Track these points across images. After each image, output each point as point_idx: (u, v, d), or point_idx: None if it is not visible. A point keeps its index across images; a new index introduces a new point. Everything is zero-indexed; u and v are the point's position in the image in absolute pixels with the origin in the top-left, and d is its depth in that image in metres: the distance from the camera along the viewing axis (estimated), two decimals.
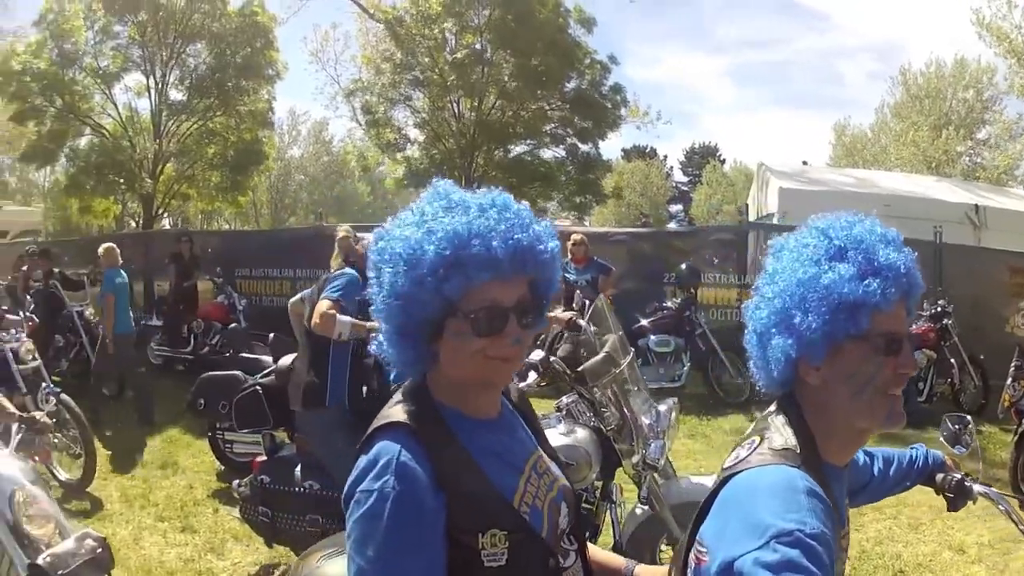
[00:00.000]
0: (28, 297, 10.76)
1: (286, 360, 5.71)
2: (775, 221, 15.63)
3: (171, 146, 23.26)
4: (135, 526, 6.58)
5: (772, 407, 1.70)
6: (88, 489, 7.25)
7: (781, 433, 1.59)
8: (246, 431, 6.22)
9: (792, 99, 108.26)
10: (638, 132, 24.87)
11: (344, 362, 4.77)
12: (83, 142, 24.61)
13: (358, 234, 5.45)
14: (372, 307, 1.63)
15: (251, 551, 6.02)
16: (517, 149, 24.51)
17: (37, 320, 9.37)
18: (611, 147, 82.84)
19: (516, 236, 1.52)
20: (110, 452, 8.57)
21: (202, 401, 6.81)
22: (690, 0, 67.01)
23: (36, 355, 7.98)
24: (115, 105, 24.24)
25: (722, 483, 1.56)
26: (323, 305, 4.60)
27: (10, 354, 7.61)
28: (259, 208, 46.06)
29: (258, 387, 5.77)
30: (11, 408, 4.14)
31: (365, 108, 24.91)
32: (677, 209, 60.70)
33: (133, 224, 33.13)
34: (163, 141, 23.03)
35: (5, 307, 9.43)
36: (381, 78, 24.04)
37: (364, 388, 4.95)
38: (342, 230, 5.57)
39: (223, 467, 7.82)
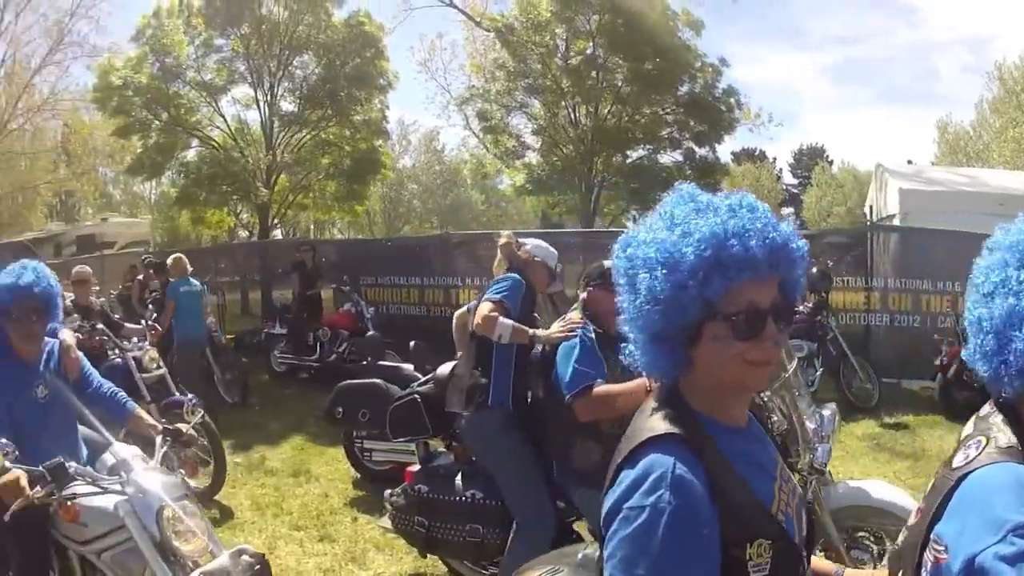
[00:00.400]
0: (150, 307, 10.78)
1: (445, 368, 5.55)
2: (896, 222, 15.52)
3: (285, 157, 23.42)
4: (268, 535, 6.51)
5: (988, 407, 1.65)
6: (216, 497, 7.24)
7: (1004, 432, 1.55)
8: (401, 440, 6.02)
9: (889, 96, 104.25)
10: (744, 135, 24.61)
11: (507, 364, 4.66)
12: (191, 154, 25.09)
13: (519, 239, 5.37)
14: (621, 315, 1.64)
15: (394, 561, 5.93)
16: (635, 154, 24.33)
17: (159, 329, 9.30)
18: (722, 151, 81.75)
19: (771, 235, 1.51)
20: (236, 460, 8.57)
21: (340, 409, 6.85)
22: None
23: (160, 363, 7.97)
24: (223, 117, 24.56)
25: (955, 484, 1.53)
26: (485, 307, 4.54)
27: (133, 363, 7.75)
28: (373, 217, 46.39)
29: (416, 396, 5.60)
30: (152, 420, 4.13)
31: (481, 115, 25.01)
32: (788, 212, 59.50)
33: (246, 234, 33.78)
34: (276, 152, 23.24)
35: (118, 316, 9.49)
36: (495, 85, 24.12)
37: (528, 393, 4.80)
38: (504, 236, 5.56)
39: (358, 475, 7.77)
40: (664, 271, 1.49)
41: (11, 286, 3.67)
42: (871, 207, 18.65)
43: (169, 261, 10.62)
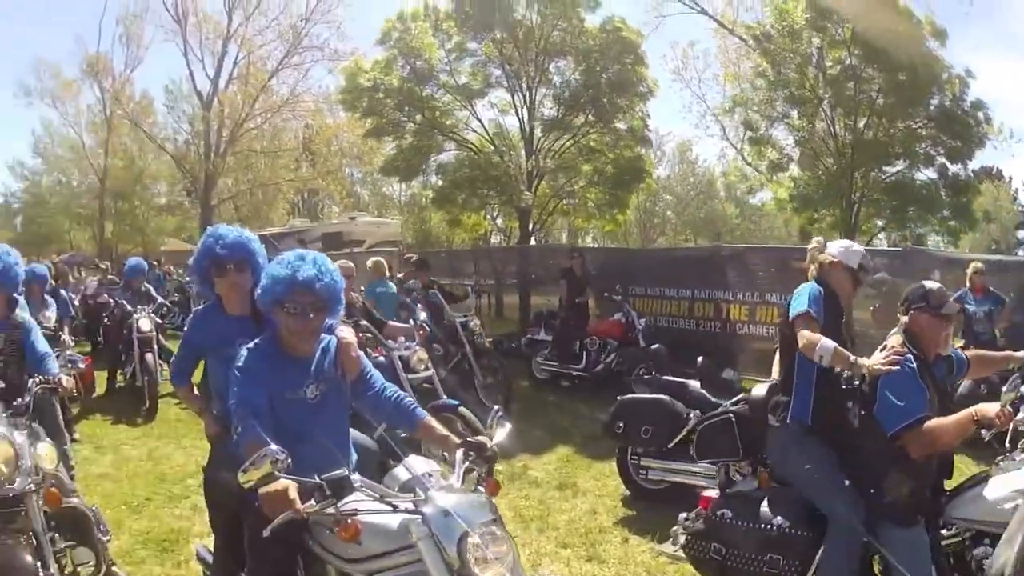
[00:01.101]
0: (418, 305, 11.04)
1: (761, 389, 5.39)
2: None
3: (548, 162, 23.66)
4: (533, 550, 6.34)
5: None
6: None
7: None
8: (705, 462, 5.95)
9: None
10: (984, 153, 23.29)
11: (808, 380, 4.54)
12: (447, 157, 25.76)
13: (828, 244, 5.05)
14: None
15: None
16: (892, 170, 23.56)
17: (428, 329, 9.45)
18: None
19: None
20: (498, 468, 8.45)
21: (621, 424, 6.79)
22: (998, 5, 59.49)
23: (429, 365, 8.00)
24: (479, 121, 25.16)
25: None
26: (803, 332, 4.39)
27: (399, 362, 7.78)
28: (628, 228, 46.42)
29: (730, 415, 5.57)
30: (446, 430, 3.75)
31: (746, 125, 24.90)
32: None
33: (499, 239, 34.39)
34: (539, 157, 23.49)
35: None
36: (757, 94, 23.93)
37: (836, 416, 4.58)
38: (814, 241, 5.21)
39: (628, 493, 7.54)
40: None
41: (287, 279, 3.49)
42: None
43: (369, 264, 11.21)
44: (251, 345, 3.61)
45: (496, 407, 3.76)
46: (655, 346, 11.97)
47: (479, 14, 22.93)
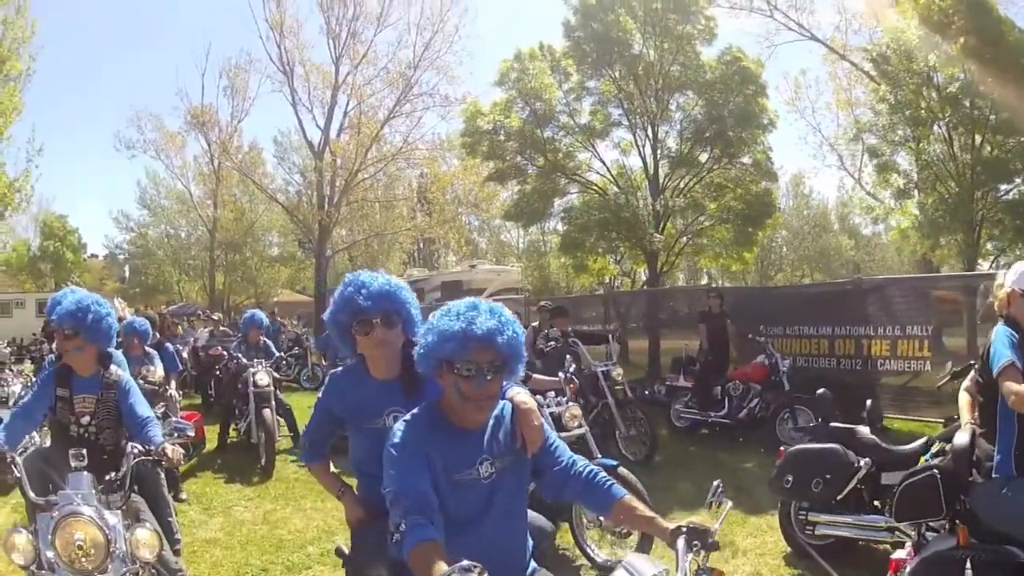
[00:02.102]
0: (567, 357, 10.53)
1: (963, 438, 5.04)
2: None
3: (678, 201, 23.60)
4: None
5: None
6: None
7: None
8: (907, 523, 5.41)
9: None
10: None
11: (1011, 428, 4.37)
12: (571, 200, 25.89)
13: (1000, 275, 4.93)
14: None
15: None
16: (1010, 187, 22.83)
17: (577, 381, 8.81)
18: None
19: None
20: None
21: (790, 478, 6.42)
22: None
23: (582, 421, 7.30)
24: (602, 161, 25.35)
25: None
26: (1011, 387, 4.18)
27: (550, 419, 7.10)
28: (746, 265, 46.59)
29: (935, 471, 5.09)
30: (650, 512, 3.14)
31: (872, 152, 24.48)
32: None
33: (621, 283, 34.16)
34: (665, 196, 23.42)
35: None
36: (879, 119, 23.44)
37: None
38: (999, 276, 4.93)
39: (790, 550, 7.13)
40: None
41: (460, 334, 2.94)
42: None
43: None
44: (409, 417, 3.09)
45: (716, 482, 3.22)
46: (820, 391, 11.33)
47: (597, 52, 23.09)
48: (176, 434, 4.77)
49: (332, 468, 4.18)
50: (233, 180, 43.32)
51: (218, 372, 14.34)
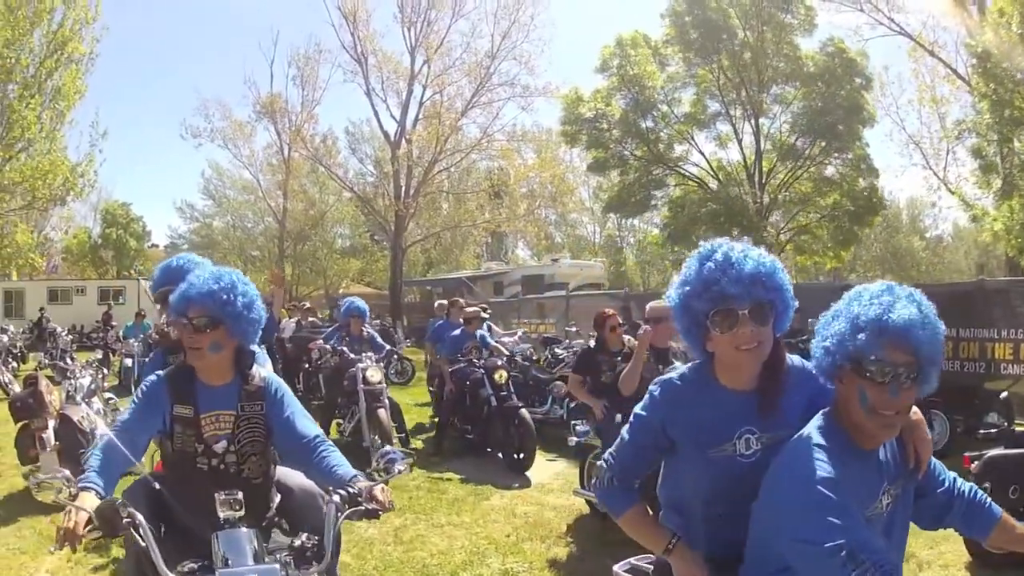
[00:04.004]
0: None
1: None
2: None
3: (787, 193, 23.63)
4: None
5: None
6: None
7: None
8: None
9: None
10: None
11: None
12: (674, 192, 26.04)
13: None
14: None
15: None
16: None
17: None
18: None
19: None
20: None
21: (988, 486, 5.97)
22: None
23: None
24: (701, 153, 25.63)
25: None
26: None
27: None
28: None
29: None
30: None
31: (976, 152, 24.21)
32: None
33: None
34: (770, 190, 23.54)
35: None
36: (982, 117, 23.31)
37: None
38: None
39: (972, 559, 6.57)
40: None
41: (874, 325, 2.35)
42: None
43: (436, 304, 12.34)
44: (820, 441, 2.38)
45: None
46: (1003, 394, 11.12)
47: (703, 39, 23.17)
48: (387, 464, 3.36)
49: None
50: (303, 170, 43.30)
51: (308, 366, 13.81)
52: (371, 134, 45.10)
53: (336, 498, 3.10)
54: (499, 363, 10.54)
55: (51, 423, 8.33)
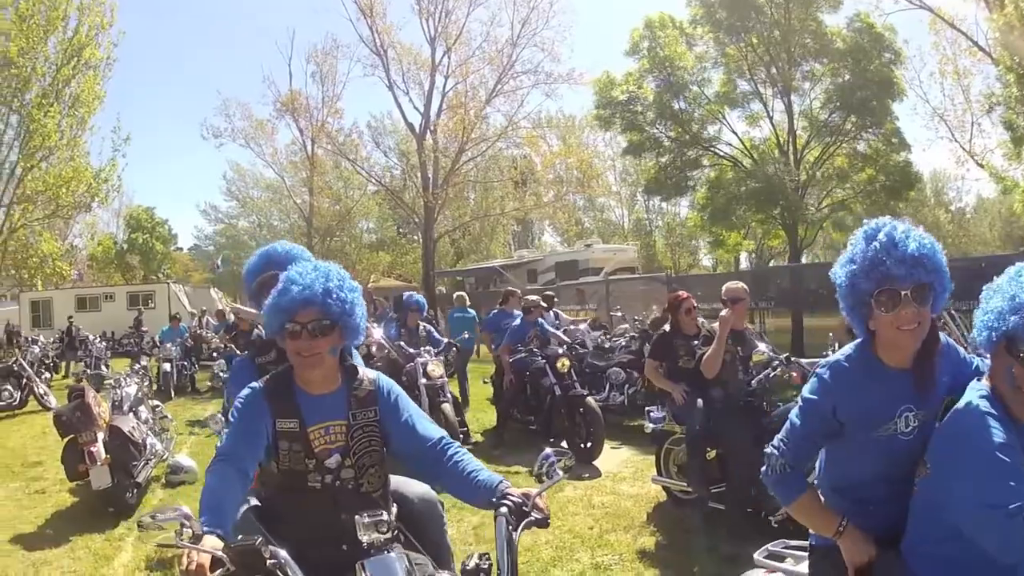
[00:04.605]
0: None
1: None
2: None
3: (825, 170, 23.70)
4: None
5: None
6: None
7: None
8: None
9: None
10: None
11: None
12: (708, 172, 25.97)
13: None
14: None
15: None
16: None
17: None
18: None
19: None
20: None
21: None
22: None
23: None
24: (734, 132, 25.45)
25: None
26: None
27: None
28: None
29: None
30: None
31: (1007, 124, 24.09)
32: None
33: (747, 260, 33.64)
34: (806, 167, 23.55)
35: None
36: (1010, 91, 23.26)
37: None
38: None
39: None
40: None
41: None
42: None
43: (455, 295, 13.52)
44: (989, 409, 2.49)
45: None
46: None
47: (732, 17, 23.05)
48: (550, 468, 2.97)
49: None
50: (327, 166, 43.25)
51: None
52: (392, 127, 45.15)
53: (504, 509, 2.74)
54: (560, 352, 10.34)
55: (100, 436, 7.88)
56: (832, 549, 2.82)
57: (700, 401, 6.62)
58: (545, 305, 12.68)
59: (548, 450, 3.02)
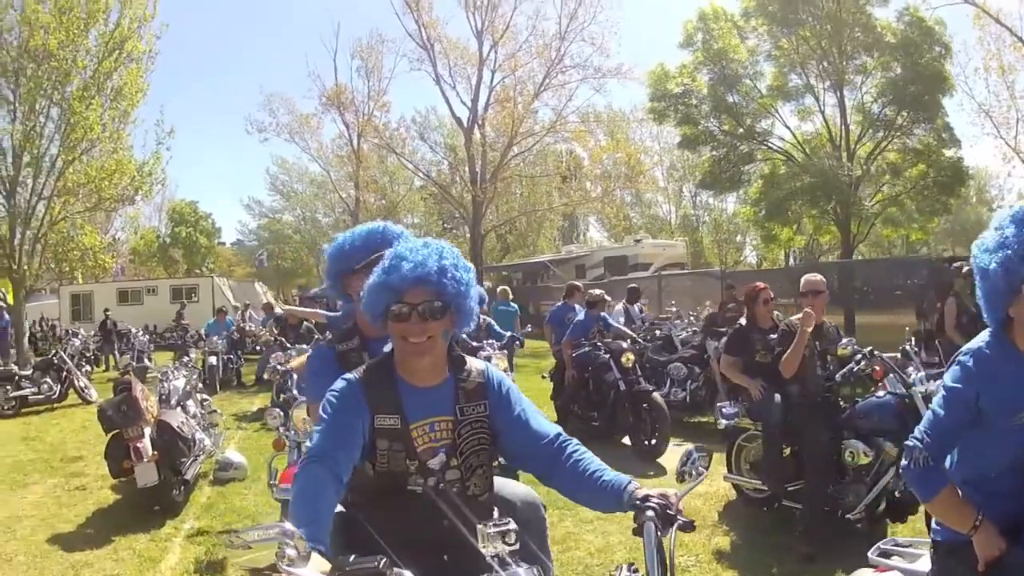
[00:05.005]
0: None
1: None
2: None
3: (880, 164, 23.76)
4: None
5: None
6: None
7: None
8: None
9: None
10: None
11: None
12: (762, 167, 25.94)
13: None
14: None
15: None
16: None
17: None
18: None
19: None
20: None
21: None
22: None
23: None
24: (787, 126, 25.59)
25: None
26: None
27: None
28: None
29: None
30: None
31: None
32: None
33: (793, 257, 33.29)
34: (859, 161, 23.59)
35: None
36: None
37: None
38: None
39: None
40: None
41: None
42: None
43: (498, 289, 13.29)
44: None
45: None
46: None
47: (785, 10, 23.13)
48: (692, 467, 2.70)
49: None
50: (372, 161, 43.29)
51: None
52: (438, 122, 45.49)
53: (651, 513, 2.42)
54: (625, 346, 10.19)
55: (147, 431, 7.49)
56: (959, 545, 2.77)
57: (778, 396, 6.48)
58: (629, 299, 13.29)
59: (691, 448, 2.76)
